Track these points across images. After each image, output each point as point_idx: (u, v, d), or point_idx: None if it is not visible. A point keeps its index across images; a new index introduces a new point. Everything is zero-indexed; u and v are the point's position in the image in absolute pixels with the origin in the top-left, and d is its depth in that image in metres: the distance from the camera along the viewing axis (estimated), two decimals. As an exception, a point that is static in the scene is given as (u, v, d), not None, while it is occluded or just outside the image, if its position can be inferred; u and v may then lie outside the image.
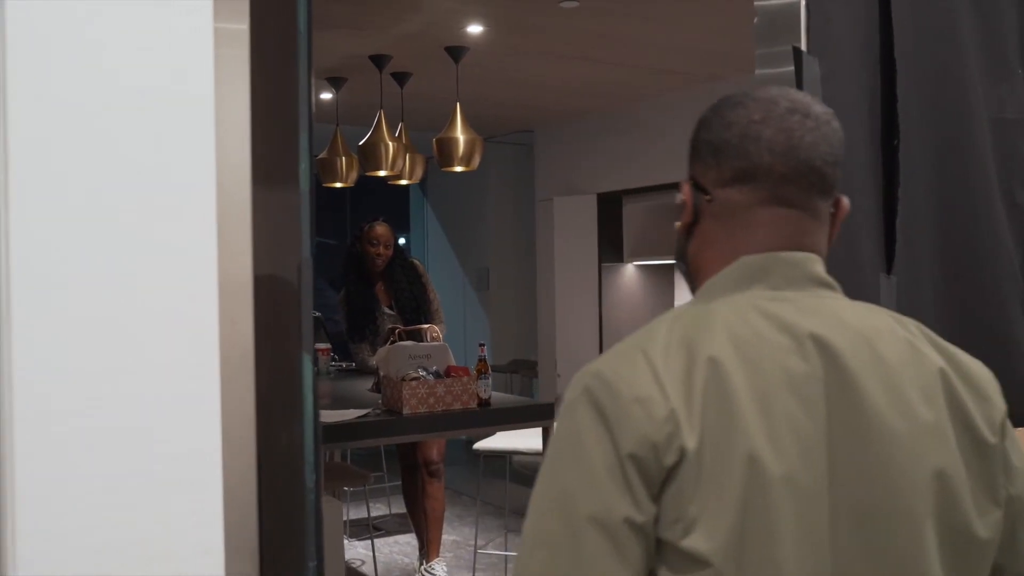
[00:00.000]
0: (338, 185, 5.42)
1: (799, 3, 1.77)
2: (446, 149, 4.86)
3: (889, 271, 1.84)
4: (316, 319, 5.71)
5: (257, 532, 1.36)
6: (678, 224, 1.12)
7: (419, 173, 5.44)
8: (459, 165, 4.86)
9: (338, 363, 5.33)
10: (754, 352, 0.97)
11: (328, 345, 5.16)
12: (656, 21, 4.39)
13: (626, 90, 5.93)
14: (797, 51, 1.72)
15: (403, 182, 5.51)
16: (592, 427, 0.94)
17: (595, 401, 0.95)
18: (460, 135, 4.81)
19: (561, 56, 5.00)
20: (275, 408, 1.72)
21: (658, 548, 0.93)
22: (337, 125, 5.55)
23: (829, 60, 1.75)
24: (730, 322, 0.99)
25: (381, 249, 4.75)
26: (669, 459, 0.92)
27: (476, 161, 4.91)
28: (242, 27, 1.40)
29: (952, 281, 1.98)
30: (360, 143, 5.08)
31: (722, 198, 1.06)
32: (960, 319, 2.00)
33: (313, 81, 1.59)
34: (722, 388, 0.94)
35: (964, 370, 1.06)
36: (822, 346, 0.98)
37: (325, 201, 8.04)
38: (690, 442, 0.92)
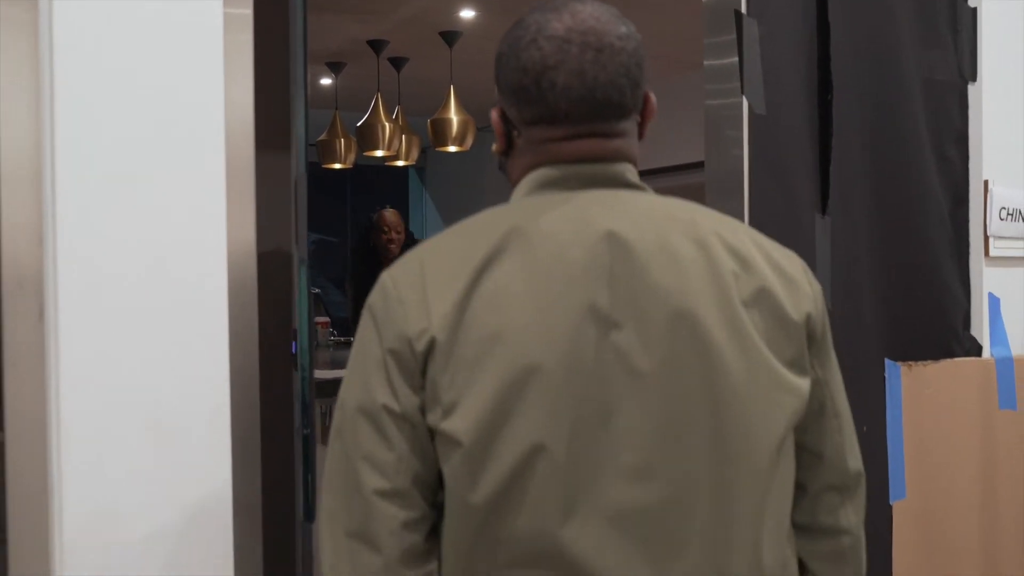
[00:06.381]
0: (337, 166, 5.65)
1: None
2: (440, 130, 5.09)
3: (824, 212, 2.06)
4: (316, 295, 5.93)
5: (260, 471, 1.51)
6: (495, 147, 1.17)
7: (415, 154, 5.67)
8: (453, 145, 5.09)
9: (336, 337, 5.57)
10: (535, 245, 1.01)
11: (327, 319, 5.39)
12: (648, 6, 4.57)
13: (616, 77, 6.09)
14: (738, 14, 1.94)
15: (400, 163, 5.74)
16: (367, 328, 1.04)
17: (372, 305, 1.05)
18: (454, 116, 5.04)
19: (551, 41, 5.18)
20: (273, 333, 1.93)
21: (433, 437, 1.01)
22: (336, 109, 5.78)
23: (767, 22, 1.97)
24: (514, 219, 1.04)
25: (393, 235, 5.02)
26: (419, 347, 0.99)
27: (469, 141, 5.14)
28: (246, 12, 1.54)
29: (884, 224, 2.20)
30: (358, 124, 5.30)
31: (527, 135, 1.10)
32: (892, 260, 2.23)
33: (307, 52, 1.78)
34: (493, 284, 1.00)
35: (774, 261, 1.08)
36: (608, 233, 1.02)
37: (325, 190, 8.21)
38: (440, 333, 0.98)
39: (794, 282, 1.08)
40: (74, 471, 1.27)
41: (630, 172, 1.10)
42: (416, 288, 1.02)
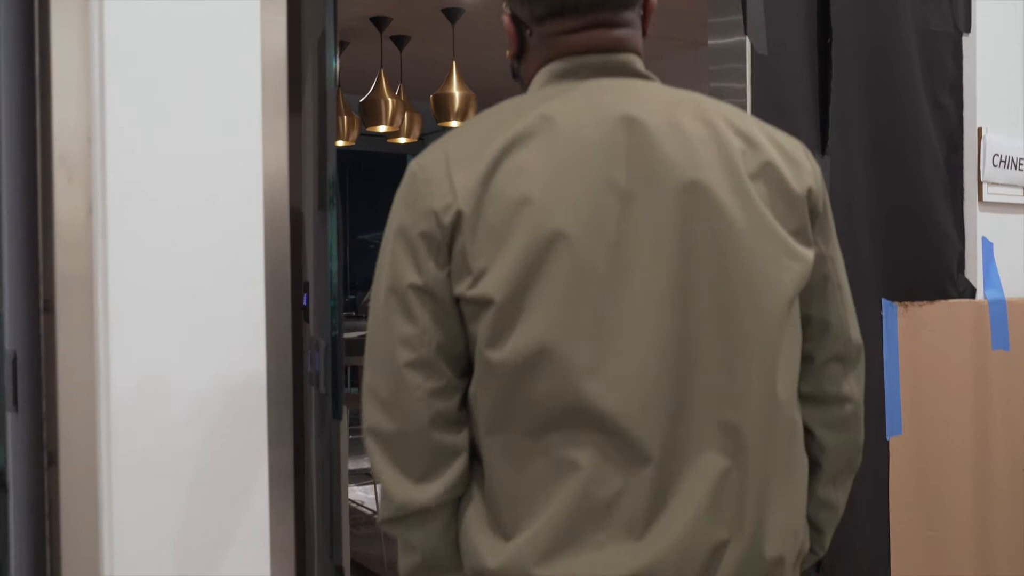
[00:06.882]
0: (340, 143, 5.72)
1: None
2: (443, 105, 5.16)
3: (823, 151, 2.14)
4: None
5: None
6: (509, 52, 1.23)
7: (416, 131, 5.74)
8: (455, 120, 5.15)
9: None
10: (554, 128, 1.08)
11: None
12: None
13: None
14: (741, -46, 2.02)
15: (402, 140, 5.81)
16: (396, 212, 1.12)
17: (401, 190, 1.13)
18: (456, 91, 5.11)
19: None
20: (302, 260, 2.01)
21: (459, 303, 1.08)
22: (339, 87, 5.83)
23: (769, -33, 2.05)
24: (532, 106, 1.11)
25: None
26: (446, 220, 1.06)
27: (471, 117, 5.21)
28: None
29: (882, 167, 2.28)
30: (361, 100, 5.37)
31: (539, 31, 1.17)
32: (889, 202, 2.31)
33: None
34: (515, 162, 1.06)
35: (777, 142, 1.16)
36: (622, 116, 1.08)
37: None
38: (466, 206, 1.06)
39: (795, 159, 1.15)
40: (120, 347, 1.35)
41: (637, 62, 1.17)
42: (440, 169, 1.10)
